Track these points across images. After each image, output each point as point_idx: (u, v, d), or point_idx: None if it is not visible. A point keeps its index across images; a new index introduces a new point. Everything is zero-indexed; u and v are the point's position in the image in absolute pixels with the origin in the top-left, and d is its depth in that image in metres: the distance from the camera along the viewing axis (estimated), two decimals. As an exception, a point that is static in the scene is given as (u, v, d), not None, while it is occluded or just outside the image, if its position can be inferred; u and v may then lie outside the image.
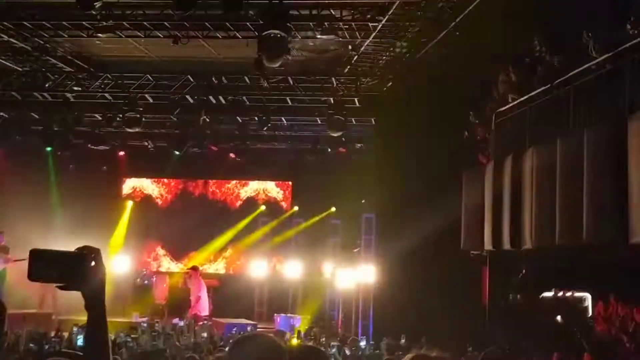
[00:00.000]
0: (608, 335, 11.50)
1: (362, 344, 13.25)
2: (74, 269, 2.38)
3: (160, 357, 6.24)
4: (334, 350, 11.71)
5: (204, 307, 18.48)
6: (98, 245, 2.53)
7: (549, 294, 3.01)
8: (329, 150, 19.55)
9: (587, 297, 3.06)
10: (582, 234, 8.41)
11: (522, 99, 11.01)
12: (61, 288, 2.43)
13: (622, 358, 10.98)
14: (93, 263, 2.42)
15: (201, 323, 16.09)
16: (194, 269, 19.02)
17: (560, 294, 3.06)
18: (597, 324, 11.74)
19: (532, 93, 10.60)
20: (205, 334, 12.87)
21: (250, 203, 22.72)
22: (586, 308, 3.04)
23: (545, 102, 10.22)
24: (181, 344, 11.34)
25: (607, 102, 8.61)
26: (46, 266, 2.39)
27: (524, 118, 10.82)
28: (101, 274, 2.47)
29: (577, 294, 3.04)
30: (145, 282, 21.14)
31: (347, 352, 11.88)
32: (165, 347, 10.55)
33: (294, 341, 14.25)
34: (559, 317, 2.97)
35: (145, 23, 12.48)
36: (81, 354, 3.45)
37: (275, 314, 19.74)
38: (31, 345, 10.88)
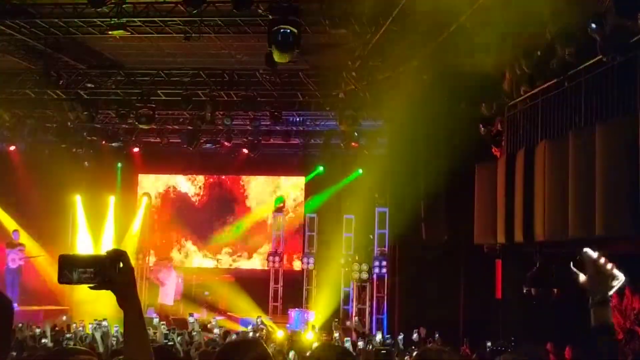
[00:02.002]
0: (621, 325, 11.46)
1: (377, 338, 13.28)
2: (104, 272, 2.56)
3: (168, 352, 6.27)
4: (347, 344, 11.73)
5: (165, 295, 18.66)
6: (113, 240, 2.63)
7: (591, 254, 2.92)
8: (341, 145, 19.53)
9: (621, 279, 2.96)
10: (594, 227, 8.38)
11: (533, 92, 10.95)
12: (92, 288, 2.59)
13: (637, 350, 10.93)
14: (121, 264, 2.58)
15: (215, 319, 16.14)
16: (169, 259, 19.25)
17: (602, 260, 2.97)
18: (612, 316, 11.70)
19: (544, 86, 10.54)
20: (217, 330, 12.92)
21: (264, 198, 22.79)
22: (613, 287, 2.98)
23: (557, 95, 10.17)
24: (194, 341, 11.40)
25: (619, 95, 8.55)
26: (75, 270, 2.56)
27: (536, 111, 10.77)
28: (130, 274, 2.62)
29: (615, 271, 2.95)
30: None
31: (360, 346, 11.90)
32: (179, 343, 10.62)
33: (308, 336, 14.29)
34: (582, 278, 2.90)
35: (156, 20, 12.51)
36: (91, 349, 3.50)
37: (290, 309, 19.80)
38: (47, 341, 10.98)
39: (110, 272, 2.56)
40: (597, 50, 8.87)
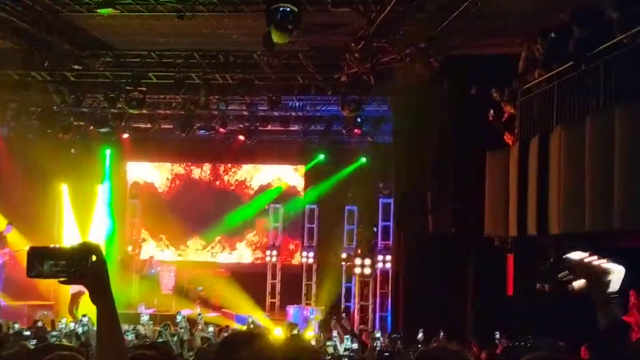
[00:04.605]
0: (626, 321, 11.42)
1: (377, 335, 13.27)
2: (75, 265, 2.59)
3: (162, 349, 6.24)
4: (347, 343, 11.72)
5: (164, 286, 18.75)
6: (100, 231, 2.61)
7: (574, 257, 2.89)
8: (343, 131, 19.48)
9: (615, 270, 2.89)
10: (613, 220, 8.33)
11: (548, 75, 10.88)
12: (63, 282, 2.63)
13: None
14: (94, 258, 2.61)
15: (201, 316, 16.06)
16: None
17: (589, 259, 2.93)
18: (631, 314, 11.67)
19: (560, 69, 10.46)
20: (211, 329, 12.90)
21: (261, 188, 22.79)
22: (609, 282, 2.91)
23: (574, 78, 10.09)
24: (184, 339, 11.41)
25: (639, 77, 8.49)
26: (46, 263, 2.60)
27: (551, 95, 10.69)
28: (103, 268, 2.64)
29: (606, 266, 2.91)
30: (152, 272, 21.27)
31: (354, 346, 11.82)
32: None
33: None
34: (576, 284, 2.84)
35: (148, -3, 12.45)
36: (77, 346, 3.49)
37: (288, 306, 19.81)
38: (30, 338, 10.97)
39: (82, 265, 2.59)
40: (615, 30, 8.81)
